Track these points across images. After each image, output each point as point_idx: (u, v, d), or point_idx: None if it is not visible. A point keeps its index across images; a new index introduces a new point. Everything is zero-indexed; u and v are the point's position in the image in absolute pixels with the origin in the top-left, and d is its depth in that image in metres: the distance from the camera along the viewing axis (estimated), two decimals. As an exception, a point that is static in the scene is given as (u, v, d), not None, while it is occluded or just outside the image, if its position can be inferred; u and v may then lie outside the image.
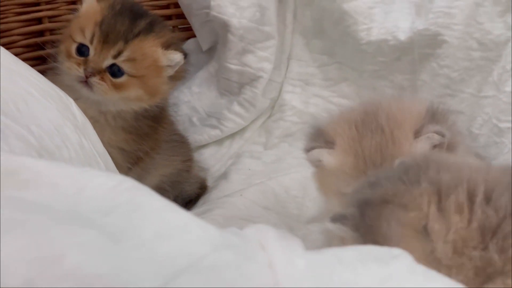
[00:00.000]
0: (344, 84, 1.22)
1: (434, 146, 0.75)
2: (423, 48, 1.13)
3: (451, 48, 1.11)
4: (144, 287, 0.39)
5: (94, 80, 0.90)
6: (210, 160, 1.19)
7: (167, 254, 0.42)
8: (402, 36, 1.13)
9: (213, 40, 1.27)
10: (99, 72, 0.90)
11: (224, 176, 1.12)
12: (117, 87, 0.91)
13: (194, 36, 1.30)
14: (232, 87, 1.21)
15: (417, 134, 0.76)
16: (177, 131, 1.10)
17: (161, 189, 1.02)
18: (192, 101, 1.24)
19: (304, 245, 0.48)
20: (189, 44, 1.29)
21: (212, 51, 1.27)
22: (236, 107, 1.20)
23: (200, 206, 1.04)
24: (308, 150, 0.80)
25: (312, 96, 1.22)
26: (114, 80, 0.91)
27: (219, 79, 1.23)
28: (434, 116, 0.77)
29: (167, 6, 1.31)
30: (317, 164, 0.80)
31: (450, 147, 0.76)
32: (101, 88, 0.90)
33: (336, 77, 1.22)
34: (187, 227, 0.46)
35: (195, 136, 1.19)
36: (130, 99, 0.93)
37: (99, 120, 0.93)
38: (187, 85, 1.25)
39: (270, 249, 0.45)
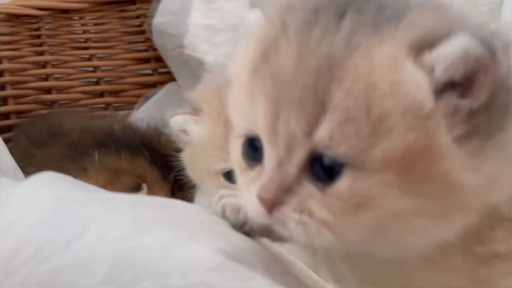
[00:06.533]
0: None
1: None
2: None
3: None
4: None
5: None
6: None
7: None
8: None
9: (193, 82, 1.20)
10: None
11: None
12: None
13: (174, 79, 1.24)
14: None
15: None
16: None
17: None
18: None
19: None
20: (170, 87, 1.23)
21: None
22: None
23: None
24: (171, 116, 0.71)
25: None
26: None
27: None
28: None
29: (145, 50, 1.26)
30: (185, 139, 0.71)
31: None
32: None
33: None
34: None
35: None
36: None
37: None
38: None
39: None
